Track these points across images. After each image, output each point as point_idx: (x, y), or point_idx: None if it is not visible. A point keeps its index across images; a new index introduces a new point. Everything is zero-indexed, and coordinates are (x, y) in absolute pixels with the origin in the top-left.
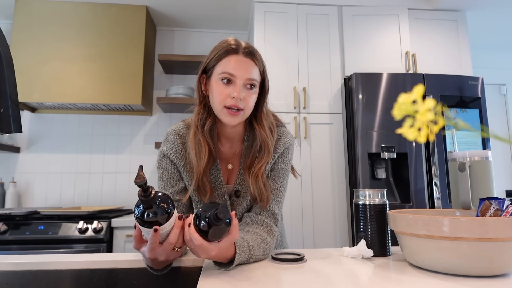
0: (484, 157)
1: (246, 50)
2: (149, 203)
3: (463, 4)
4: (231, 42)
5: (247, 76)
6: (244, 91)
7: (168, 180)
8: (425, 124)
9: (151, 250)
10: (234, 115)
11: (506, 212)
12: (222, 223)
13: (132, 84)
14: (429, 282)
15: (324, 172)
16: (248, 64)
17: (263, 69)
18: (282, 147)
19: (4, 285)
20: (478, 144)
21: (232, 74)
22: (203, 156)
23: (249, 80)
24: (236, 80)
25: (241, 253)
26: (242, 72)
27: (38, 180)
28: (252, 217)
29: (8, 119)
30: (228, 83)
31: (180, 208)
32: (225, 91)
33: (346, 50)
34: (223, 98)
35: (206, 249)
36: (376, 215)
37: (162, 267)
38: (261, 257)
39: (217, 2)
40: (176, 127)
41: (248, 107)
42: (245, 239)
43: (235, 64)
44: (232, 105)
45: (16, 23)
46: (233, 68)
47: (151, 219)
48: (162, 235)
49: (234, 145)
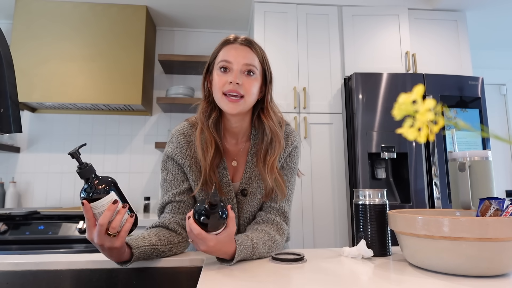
0: (484, 157)
1: (243, 40)
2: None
3: (463, 4)
4: (229, 36)
5: (244, 61)
6: (242, 77)
7: (172, 182)
8: (425, 124)
9: (87, 229)
10: (233, 102)
11: (506, 212)
12: (217, 210)
13: (132, 84)
14: (429, 282)
15: (324, 172)
16: (244, 51)
17: (263, 59)
18: (290, 145)
19: (4, 285)
20: (478, 144)
21: (228, 61)
22: (210, 149)
23: (247, 66)
24: (233, 66)
25: (243, 250)
26: (239, 58)
27: (38, 180)
28: (262, 216)
29: (8, 119)
30: (226, 71)
31: (183, 208)
32: (223, 78)
33: (346, 50)
34: (221, 85)
35: (204, 239)
36: (376, 215)
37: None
38: (266, 254)
39: (217, 2)
40: (181, 127)
41: (249, 94)
42: (250, 237)
43: (232, 51)
44: (230, 90)
45: (16, 23)
46: (230, 55)
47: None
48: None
49: (240, 142)
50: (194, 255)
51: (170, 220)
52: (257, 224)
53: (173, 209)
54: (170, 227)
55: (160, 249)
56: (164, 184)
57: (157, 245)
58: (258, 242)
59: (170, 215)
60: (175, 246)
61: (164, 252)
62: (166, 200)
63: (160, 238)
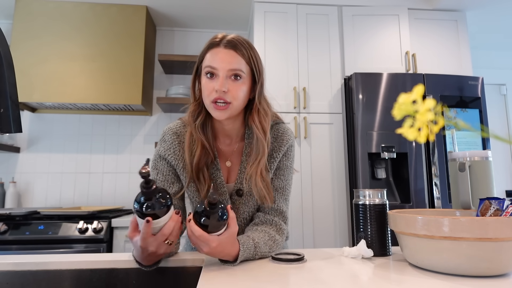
0: (484, 157)
1: (227, 42)
2: (149, 195)
3: (463, 4)
4: (216, 36)
5: (228, 67)
6: (228, 82)
7: (162, 183)
8: (425, 124)
9: (143, 240)
10: (220, 109)
11: (506, 212)
12: (216, 210)
13: (132, 84)
14: (429, 282)
15: (324, 172)
16: (228, 55)
17: (250, 59)
18: (285, 145)
19: (4, 285)
20: (478, 144)
21: (213, 67)
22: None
23: (232, 71)
24: (218, 72)
25: (246, 250)
26: (223, 63)
27: (38, 180)
28: (261, 217)
29: (8, 119)
30: (211, 77)
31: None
32: (209, 85)
33: (346, 50)
34: (208, 93)
35: (206, 240)
36: (376, 215)
37: (151, 264)
38: (267, 254)
39: (217, 2)
40: (173, 126)
41: (236, 99)
42: (251, 237)
43: (215, 56)
44: (217, 98)
45: (16, 23)
46: (214, 61)
47: (149, 212)
48: (156, 229)
49: (233, 142)
50: (194, 255)
51: None
52: (256, 225)
53: None
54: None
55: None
56: None
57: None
58: (259, 242)
59: None
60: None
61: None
62: None
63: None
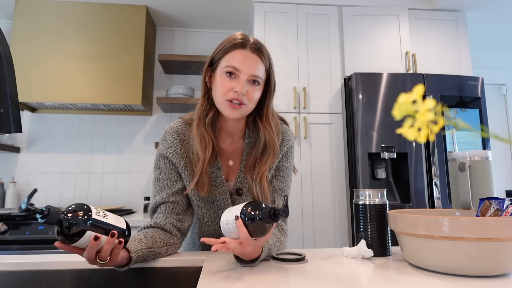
0: (484, 157)
1: (253, 46)
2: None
3: (463, 4)
4: (238, 37)
5: (252, 72)
6: (247, 86)
7: (165, 182)
8: (425, 124)
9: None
10: (235, 108)
11: (506, 212)
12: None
13: (132, 84)
14: (429, 282)
15: (324, 172)
16: (254, 60)
17: (270, 67)
18: (285, 145)
19: (4, 285)
20: (478, 144)
21: (237, 68)
22: (208, 147)
23: (253, 77)
24: (240, 74)
25: (264, 253)
26: (248, 67)
27: (38, 180)
28: None
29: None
30: (231, 76)
31: (177, 209)
32: (227, 85)
33: (346, 50)
34: (225, 91)
35: (249, 243)
36: (376, 215)
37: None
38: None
39: (217, 2)
40: (174, 125)
41: (251, 102)
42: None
43: (241, 58)
44: (234, 99)
45: (16, 23)
46: (239, 63)
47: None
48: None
49: (235, 141)
50: (194, 255)
51: (165, 221)
52: None
53: (167, 210)
54: (165, 228)
55: (156, 252)
56: (156, 183)
57: (154, 247)
58: (271, 244)
59: (165, 216)
60: (171, 247)
61: (160, 254)
62: (159, 200)
63: (156, 240)
